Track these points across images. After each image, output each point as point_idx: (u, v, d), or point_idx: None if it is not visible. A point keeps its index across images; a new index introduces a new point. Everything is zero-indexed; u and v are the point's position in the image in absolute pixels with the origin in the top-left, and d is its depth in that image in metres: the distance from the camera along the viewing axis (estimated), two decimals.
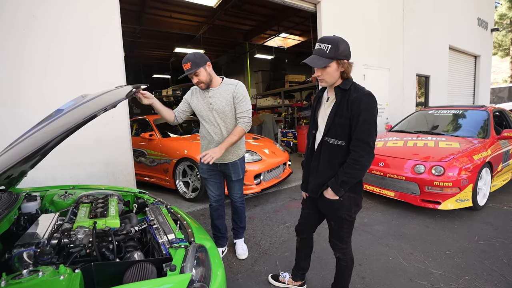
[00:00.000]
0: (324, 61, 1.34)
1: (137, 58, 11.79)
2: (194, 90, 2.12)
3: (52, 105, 2.57)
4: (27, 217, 1.50)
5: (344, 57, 1.35)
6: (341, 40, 1.35)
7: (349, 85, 1.40)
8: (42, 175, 2.60)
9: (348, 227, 1.54)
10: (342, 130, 1.40)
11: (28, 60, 2.63)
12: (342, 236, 1.55)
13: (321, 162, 1.49)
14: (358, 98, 1.35)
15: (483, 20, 10.11)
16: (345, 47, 1.34)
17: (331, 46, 1.32)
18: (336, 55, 1.33)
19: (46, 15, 2.69)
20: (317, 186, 1.53)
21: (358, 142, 1.36)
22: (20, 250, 1.10)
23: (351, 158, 1.37)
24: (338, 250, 1.60)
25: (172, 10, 7.15)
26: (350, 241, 1.60)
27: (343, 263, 1.62)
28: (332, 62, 1.34)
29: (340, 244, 1.58)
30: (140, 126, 4.87)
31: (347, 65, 1.37)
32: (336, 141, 1.43)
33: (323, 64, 1.34)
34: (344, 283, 1.67)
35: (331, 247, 1.64)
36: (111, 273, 1.08)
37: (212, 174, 2.19)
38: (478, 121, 3.99)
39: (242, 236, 2.45)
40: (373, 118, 1.35)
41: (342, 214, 1.49)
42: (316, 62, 1.35)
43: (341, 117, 1.39)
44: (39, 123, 1.35)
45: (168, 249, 1.26)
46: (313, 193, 1.57)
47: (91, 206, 1.60)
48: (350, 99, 1.37)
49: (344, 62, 1.36)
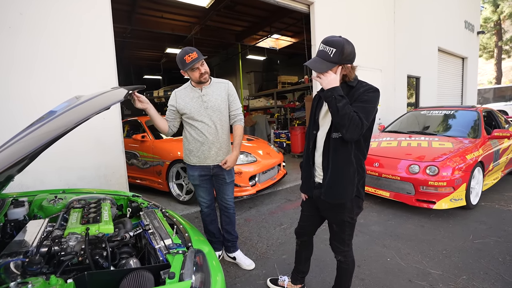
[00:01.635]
0: (327, 65, 1.27)
1: (128, 58, 11.59)
2: (178, 93, 2.01)
3: (39, 104, 2.49)
4: (14, 224, 1.42)
5: (348, 61, 1.29)
6: (347, 42, 1.28)
7: (355, 82, 1.37)
8: (30, 179, 2.48)
9: (350, 230, 1.51)
10: None
11: (16, 58, 2.52)
12: (344, 238, 1.52)
13: (331, 161, 1.40)
14: (367, 91, 1.31)
15: (469, 23, 10.39)
16: (350, 51, 1.28)
17: (335, 50, 1.25)
18: (340, 60, 1.26)
19: (34, 12, 2.58)
20: (332, 188, 1.41)
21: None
22: (7, 260, 1.02)
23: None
24: (340, 253, 1.57)
25: (163, 10, 7.05)
26: (351, 244, 1.58)
27: (344, 266, 1.59)
28: (336, 67, 1.28)
29: (342, 247, 1.55)
30: (131, 127, 4.76)
31: (350, 69, 1.33)
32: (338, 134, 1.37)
33: (325, 69, 1.27)
34: (345, 286, 1.65)
35: (332, 250, 1.61)
36: (106, 283, 1.02)
37: (203, 180, 2.08)
38: (469, 121, 4.07)
39: (238, 247, 2.29)
40: (372, 104, 1.31)
41: (345, 217, 1.46)
42: (319, 67, 1.28)
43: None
44: (30, 125, 1.27)
45: (165, 255, 1.21)
46: (329, 197, 1.43)
47: (83, 211, 1.52)
48: (358, 93, 1.32)
49: (348, 66, 1.31)
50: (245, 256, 2.26)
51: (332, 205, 1.46)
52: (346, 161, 1.39)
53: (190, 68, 1.85)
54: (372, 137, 4.32)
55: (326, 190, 1.44)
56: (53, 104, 1.55)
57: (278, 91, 9.32)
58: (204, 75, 1.90)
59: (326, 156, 1.44)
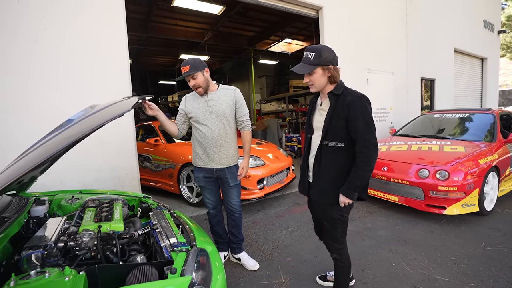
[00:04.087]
0: (308, 67, 1.44)
1: (144, 64, 12.03)
2: (187, 98, 2.15)
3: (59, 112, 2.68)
4: (36, 220, 1.56)
5: (328, 62, 1.44)
6: (325, 47, 1.45)
7: (341, 90, 1.50)
8: (51, 180, 2.67)
9: (341, 227, 1.58)
10: (340, 132, 1.47)
11: (45, 70, 2.76)
12: (336, 236, 1.59)
13: (322, 166, 1.54)
14: (353, 101, 1.43)
15: (489, 23, 10.03)
16: (328, 54, 1.44)
17: (314, 53, 1.43)
18: (320, 62, 1.43)
19: (57, 26, 2.80)
20: (320, 190, 1.57)
21: (364, 143, 1.42)
22: (29, 252, 1.14)
23: (361, 160, 1.43)
24: (334, 251, 1.63)
25: (177, 18, 7.31)
26: (346, 241, 1.63)
27: (340, 263, 1.65)
28: (317, 68, 1.44)
29: (335, 245, 1.61)
30: (145, 132, 4.96)
31: (333, 70, 1.46)
32: (336, 143, 1.49)
33: (307, 70, 1.45)
34: (343, 284, 1.71)
35: (327, 249, 1.68)
36: (114, 275, 1.12)
37: (208, 182, 2.16)
38: (484, 125, 3.95)
39: (243, 248, 2.36)
40: (370, 118, 1.44)
41: (334, 214, 1.54)
42: (301, 69, 1.46)
43: (338, 119, 1.46)
44: (50, 132, 1.41)
45: (170, 252, 1.29)
46: (316, 197, 1.61)
47: (97, 210, 1.64)
48: (345, 102, 1.45)
49: (330, 67, 1.45)
50: (249, 257, 2.31)
51: (321, 204, 1.56)
52: (336, 167, 1.50)
53: (186, 77, 1.99)
54: (382, 141, 4.29)
55: (313, 191, 1.61)
56: (73, 112, 1.69)
57: (289, 95, 9.37)
58: (195, 87, 2.01)
59: (318, 161, 1.55)
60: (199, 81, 1.99)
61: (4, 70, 2.60)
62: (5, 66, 2.60)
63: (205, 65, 2.04)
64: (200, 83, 2.00)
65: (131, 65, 3.25)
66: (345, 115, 1.44)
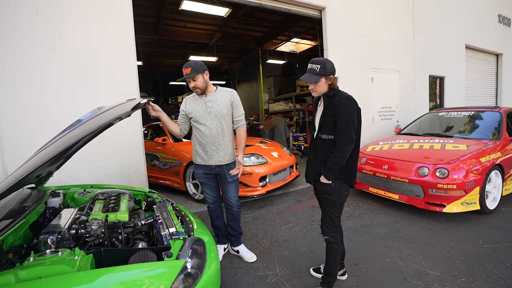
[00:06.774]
0: (316, 78, 1.74)
1: (155, 66, 12.34)
2: (187, 100, 2.29)
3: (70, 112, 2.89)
4: (51, 210, 1.75)
5: (330, 73, 1.75)
6: (328, 61, 1.76)
7: (333, 92, 1.81)
8: (66, 175, 2.91)
9: (338, 210, 1.83)
10: (330, 127, 1.77)
11: (62, 76, 3.00)
12: (332, 218, 1.83)
13: (316, 154, 1.87)
14: (339, 101, 1.74)
15: (504, 17, 9.70)
16: (330, 66, 1.75)
17: (320, 66, 1.72)
18: (324, 73, 1.73)
19: (70, 34, 3.01)
20: (313, 173, 1.90)
21: (340, 134, 1.71)
22: (46, 236, 1.32)
23: (336, 149, 1.73)
24: (329, 233, 1.82)
25: (186, 20, 7.51)
26: (340, 225, 1.86)
27: (334, 246, 1.83)
28: (322, 78, 1.74)
29: (330, 226, 1.82)
30: (154, 131, 5.18)
31: (333, 79, 1.78)
32: (327, 136, 1.79)
33: (315, 80, 1.75)
34: (333, 269, 1.87)
35: (322, 232, 1.86)
36: (118, 258, 1.27)
37: (207, 178, 2.29)
38: (490, 123, 3.90)
39: (241, 241, 2.48)
40: (350, 115, 1.71)
41: (334, 197, 1.80)
42: (309, 79, 1.76)
43: (329, 116, 1.77)
44: (63, 131, 1.59)
45: (169, 240, 1.44)
46: (311, 179, 1.94)
47: (105, 202, 1.82)
48: (333, 102, 1.76)
49: (331, 77, 1.76)
50: (247, 250, 2.44)
51: (323, 187, 1.81)
52: (326, 157, 1.79)
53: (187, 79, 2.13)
54: (386, 139, 4.32)
55: (309, 173, 1.95)
56: (83, 113, 1.87)
57: (296, 95, 9.42)
58: (195, 88, 2.15)
59: (314, 150, 1.89)
60: (199, 83, 2.13)
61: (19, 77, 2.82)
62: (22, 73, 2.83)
63: (206, 68, 2.18)
64: (199, 85, 2.14)
65: (143, 67, 3.47)
66: (334, 113, 1.73)
